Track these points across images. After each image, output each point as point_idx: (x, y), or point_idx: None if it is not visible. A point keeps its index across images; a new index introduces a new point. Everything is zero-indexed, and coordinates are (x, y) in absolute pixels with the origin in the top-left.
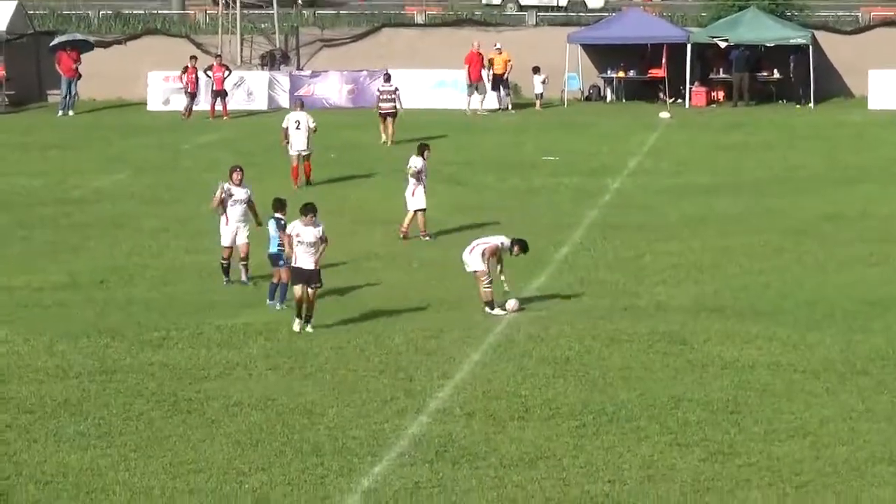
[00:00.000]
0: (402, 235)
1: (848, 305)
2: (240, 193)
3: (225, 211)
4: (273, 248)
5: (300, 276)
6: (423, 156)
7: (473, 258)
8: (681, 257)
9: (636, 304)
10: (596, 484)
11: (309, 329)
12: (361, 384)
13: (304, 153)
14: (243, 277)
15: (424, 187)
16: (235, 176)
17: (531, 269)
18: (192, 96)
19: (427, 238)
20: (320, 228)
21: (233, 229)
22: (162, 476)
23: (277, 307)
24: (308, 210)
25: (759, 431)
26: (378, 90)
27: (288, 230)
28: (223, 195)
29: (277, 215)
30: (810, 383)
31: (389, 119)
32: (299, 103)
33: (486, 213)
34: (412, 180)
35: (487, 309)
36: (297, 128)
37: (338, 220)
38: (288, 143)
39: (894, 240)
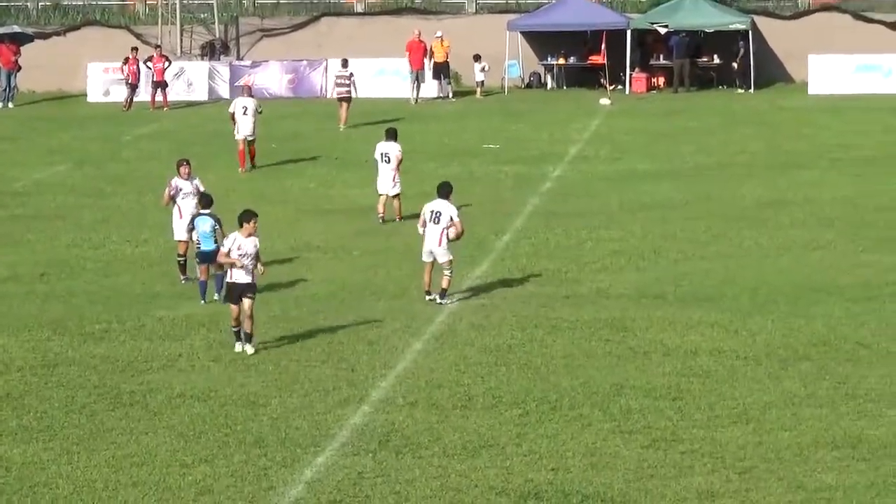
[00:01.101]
0: (397, 218)
1: (789, 291)
2: (188, 186)
3: (177, 205)
4: (209, 245)
5: (235, 290)
6: (396, 140)
7: (442, 250)
8: (622, 244)
9: (578, 292)
10: (539, 472)
11: (250, 350)
12: (304, 375)
13: (249, 138)
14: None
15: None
16: (183, 170)
17: (473, 256)
18: (133, 88)
19: (398, 220)
20: (258, 240)
21: (186, 223)
22: (105, 469)
23: (202, 302)
24: (250, 216)
25: (702, 418)
26: (335, 76)
27: (226, 245)
28: (171, 192)
29: (207, 212)
30: (752, 369)
31: (344, 104)
32: (246, 90)
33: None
34: (389, 166)
35: (438, 298)
36: (244, 113)
37: (280, 209)
38: (235, 128)
39: (835, 225)
